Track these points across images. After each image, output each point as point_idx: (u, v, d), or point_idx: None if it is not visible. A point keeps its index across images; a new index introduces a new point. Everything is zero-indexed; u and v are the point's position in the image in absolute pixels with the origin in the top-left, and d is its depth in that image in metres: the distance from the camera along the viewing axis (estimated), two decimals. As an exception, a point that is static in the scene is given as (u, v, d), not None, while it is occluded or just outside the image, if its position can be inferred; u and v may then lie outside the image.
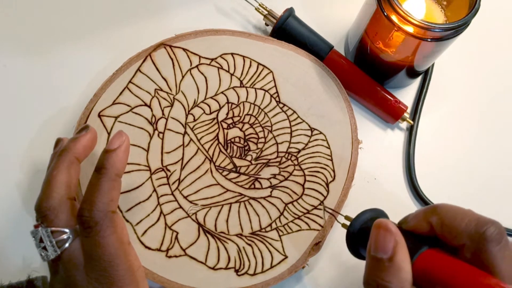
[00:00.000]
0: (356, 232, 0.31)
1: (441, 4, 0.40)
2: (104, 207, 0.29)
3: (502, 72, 0.48)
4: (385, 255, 0.25)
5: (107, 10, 0.46)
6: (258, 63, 0.42)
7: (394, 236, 0.26)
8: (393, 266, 0.25)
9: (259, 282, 0.36)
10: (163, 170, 0.38)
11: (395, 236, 0.26)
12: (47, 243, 0.29)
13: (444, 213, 0.27)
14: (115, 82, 0.39)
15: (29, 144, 0.40)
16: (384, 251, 0.25)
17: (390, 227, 0.26)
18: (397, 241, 0.25)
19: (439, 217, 0.27)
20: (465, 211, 0.26)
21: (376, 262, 0.26)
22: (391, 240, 0.26)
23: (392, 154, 0.44)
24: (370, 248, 0.26)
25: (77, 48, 0.44)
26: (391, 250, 0.25)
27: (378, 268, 0.25)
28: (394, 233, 0.26)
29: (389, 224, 0.26)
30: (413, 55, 0.39)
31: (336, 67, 0.43)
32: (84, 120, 0.38)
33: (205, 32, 0.42)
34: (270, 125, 0.40)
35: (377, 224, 0.27)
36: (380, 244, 0.26)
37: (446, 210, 0.27)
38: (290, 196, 0.38)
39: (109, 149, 0.30)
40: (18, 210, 0.38)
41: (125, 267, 0.29)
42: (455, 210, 0.27)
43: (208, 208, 0.37)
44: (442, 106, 0.46)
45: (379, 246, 0.26)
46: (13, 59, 0.43)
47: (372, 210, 0.32)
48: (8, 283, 0.33)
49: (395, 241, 0.25)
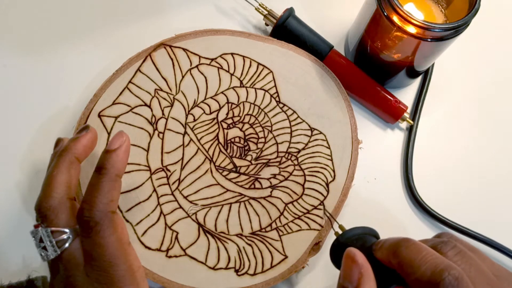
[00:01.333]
0: (340, 245, 0.31)
1: (441, 4, 0.40)
2: (104, 207, 0.29)
3: (502, 72, 0.48)
4: (351, 285, 0.26)
5: (107, 10, 0.46)
6: (258, 63, 0.42)
7: (359, 269, 0.26)
8: None
9: (259, 282, 0.36)
10: (163, 170, 0.38)
11: (360, 268, 0.26)
12: (47, 243, 0.29)
13: (402, 256, 0.26)
14: (115, 82, 0.39)
15: (29, 144, 0.40)
16: (350, 281, 0.26)
17: (357, 258, 0.26)
18: (362, 274, 0.26)
19: (398, 260, 0.26)
20: (424, 255, 0.25)
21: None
22: (355, 272, 0.26)
23: (392, 154, 0.44)
24: (340, 275, 0.27)
25: (77, 48, 0.44)
26: (356, 281, 0.26)
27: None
28: (359, 265, 0.26)
29: (356, 256, 0.26)
30: (413, 55, 0.39)
31: (336, 67, 0.43)
32: (84, 120, 0.38)
33: (205, 32, 0.42)
34: (270, 125, 0.40)
35: (346, 254, 0.27)
36: (347, 274, 0.26)
37: (405, 253, 0.26)
38: (290, 196, 0.38)
39: (110, 149, 0.30)
40: (18, 210, 0.38)
41: (125, 267, 0.29)
42: (414, 254, 0.25)
43: (208, 208, 0.37)
44: (442, 106, 0.46)
45: (346, 275, 0.26)
46: (13, 59, 0.43)
47: (364, 228, 0.31)
48: (8, 283, 0.33)
49: (359, 274, 0.26)
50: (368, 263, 0.26)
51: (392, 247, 0.27)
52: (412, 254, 0.26)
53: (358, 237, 0.31)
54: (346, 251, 0.27)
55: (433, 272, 0.24)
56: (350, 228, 0.31)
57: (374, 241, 0.30)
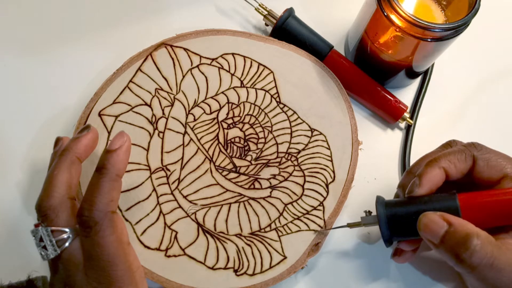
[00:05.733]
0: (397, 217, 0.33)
1: (441, 4, 0.40)
2: (104, 207, 0.29)
3: (502, 72, 0.48)
4: (445, 227, 0.30)
5: (108, 9, 0.46)
6: (259, 64, 0.42)
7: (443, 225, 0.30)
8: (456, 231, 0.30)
9: (258, 282, 0.36)
10: (163, 170, 0.38)
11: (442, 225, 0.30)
12: (47, 242, 0.29)
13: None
14: (115, 82, 0.39)
15: (29, 144, 0.41)
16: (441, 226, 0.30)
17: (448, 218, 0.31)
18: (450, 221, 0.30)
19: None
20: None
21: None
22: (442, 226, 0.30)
23: (392, 154, 0.44)
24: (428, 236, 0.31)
25: (77, 47, 0.44)
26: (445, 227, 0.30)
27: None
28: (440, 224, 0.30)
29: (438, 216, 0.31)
30: (413, 55, 0.39)
31: (336, 67, 0.43)
32: (85, 119, 0.38)
33: (206, 32, 0.42)
34: (270, 126, 0.40)
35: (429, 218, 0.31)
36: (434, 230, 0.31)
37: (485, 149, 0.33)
38: (289, 196, 0.38)
39: (110, 149, 0.30)
40: (18, 210, 0.39)
41: (124, 267, 0.29)
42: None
43: (207, 208, 0.37)
44: (442, 106, 0.46)
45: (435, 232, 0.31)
46: (13, 59, 0.43)
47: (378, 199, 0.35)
48: (8, 283, 0.33)
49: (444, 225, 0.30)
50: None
51: (469, 146, 0.34)
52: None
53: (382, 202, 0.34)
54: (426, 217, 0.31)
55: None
56: (381, 206, 0.34)
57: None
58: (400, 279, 0.39)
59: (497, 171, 0.32)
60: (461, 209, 0.31)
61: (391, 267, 0.39)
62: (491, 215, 0.31)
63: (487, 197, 0.31)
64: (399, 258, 0.36)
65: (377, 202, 0.34)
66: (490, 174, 0.33)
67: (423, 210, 0.32)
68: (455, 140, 0.36)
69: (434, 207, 0.32)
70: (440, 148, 0.36)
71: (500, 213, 0.31)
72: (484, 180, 0.33)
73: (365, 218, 0.36)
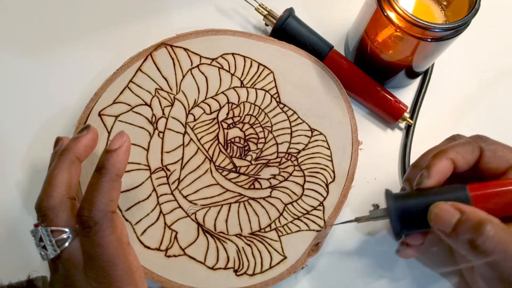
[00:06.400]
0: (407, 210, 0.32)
1: (441, 4, 0.40)
2: (104, 207, 0.29)
3: (502, 72, 0.48)
4: (457, 215, 0.30)
5: (107, 9, 0.46)
6: (259, 64, 0.42)
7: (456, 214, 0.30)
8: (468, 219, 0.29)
9: (258, 282, 0.36)
10: (163, 170, 0.38)
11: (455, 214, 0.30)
12: (46, 242, 0.29)
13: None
14: (115, 82, 0.39)
15: (29, 144, 0.41)
16: (453, 215, 0.30)
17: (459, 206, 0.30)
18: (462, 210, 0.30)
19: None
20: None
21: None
22: (454, 215, 0.30)
23: (392, 154, 0.44)
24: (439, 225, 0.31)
25: (77, 47, 0.44)
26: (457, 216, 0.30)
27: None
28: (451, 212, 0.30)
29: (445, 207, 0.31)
30: (412, 55, 0.39)
31: (336, 67, 0.43)
32: (85, 119, 0.38)
33: (206, 32, 0.42)
34: (270, 126, 0.40)
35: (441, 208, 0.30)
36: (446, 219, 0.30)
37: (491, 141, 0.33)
38: (289, 196, 0.38)
39: (110, 149, 0.30)
40: (18, 210, 0.39)
41: (124, 267, 0.29)
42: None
43: (207, 208, 0.37)
44: (442, 106, 0.46)
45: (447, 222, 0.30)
46: (13, 59, 0.43)
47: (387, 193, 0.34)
48: (8, 283, 0.33)
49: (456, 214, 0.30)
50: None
51: (475, 138, 0.34)
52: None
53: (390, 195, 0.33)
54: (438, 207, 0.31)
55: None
56: (392, 200, 0.33)
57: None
58: (400, 279, 0.39)
59: (504, 161, 0.32)
60: (472, 198, 0.31)
61: (391, 267, 0.39)
62: (501, 204, 0.31)
63: (496, 186, 0.31)
64: (404, 252, 0.36)
65: (387, 195, 0.33)
66: (498, 165, 0.32)
67: (433, 201, 0.31)
68: (459, 134, 0.36)
69: (444, 198, 0.31)
70: (445, 141, 0.36)
71: (510, 202, 0.30)
72: (491, 171, 0.33)
73: (374, 212, 0.35)
